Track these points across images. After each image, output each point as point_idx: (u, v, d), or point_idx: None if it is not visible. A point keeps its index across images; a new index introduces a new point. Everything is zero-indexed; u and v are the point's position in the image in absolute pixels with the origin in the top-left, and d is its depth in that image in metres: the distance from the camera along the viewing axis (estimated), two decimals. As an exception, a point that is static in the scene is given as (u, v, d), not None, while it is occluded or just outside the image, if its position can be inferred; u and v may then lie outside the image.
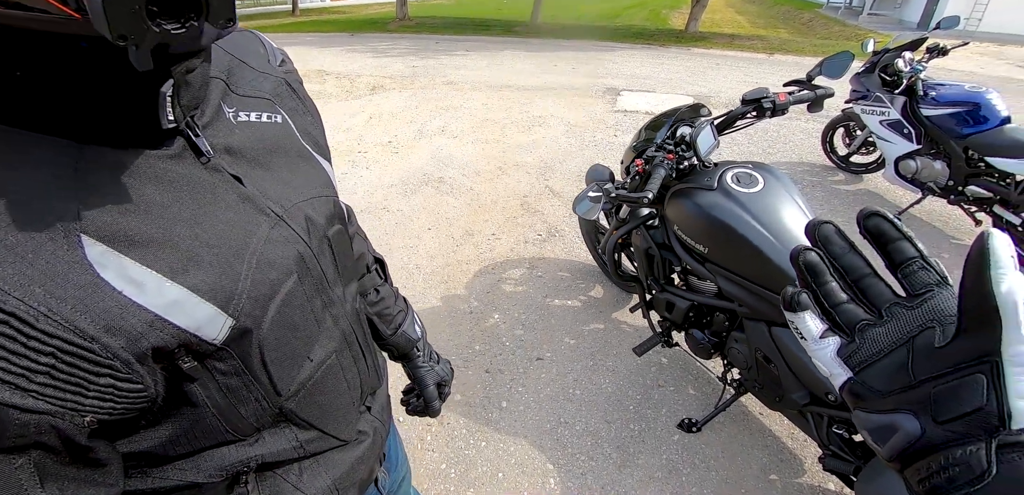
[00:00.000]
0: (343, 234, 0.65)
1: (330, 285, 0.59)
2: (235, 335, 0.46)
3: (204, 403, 0.47)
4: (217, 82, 0.53)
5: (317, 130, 0.69)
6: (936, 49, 3.41)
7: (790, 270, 1.46)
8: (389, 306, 0.93)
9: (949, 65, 7.87)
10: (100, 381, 0.37)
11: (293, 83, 0.67)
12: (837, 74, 1.86)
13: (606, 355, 2.42)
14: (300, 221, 0.55)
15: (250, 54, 0.62)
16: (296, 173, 0.58)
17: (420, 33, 13.06)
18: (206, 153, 0.47)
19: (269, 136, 0.57)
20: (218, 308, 0.44)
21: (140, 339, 0.39)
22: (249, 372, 0.49)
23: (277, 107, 0.60)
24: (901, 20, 15.88)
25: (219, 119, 0.51)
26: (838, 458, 1.53)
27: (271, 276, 0.49)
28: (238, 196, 0.49)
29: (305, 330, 0.55)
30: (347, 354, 0.63)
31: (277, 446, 0.55)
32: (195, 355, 0.44)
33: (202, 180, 0.46)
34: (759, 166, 1.68)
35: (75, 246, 0.37)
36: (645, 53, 9.70)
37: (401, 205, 3.86)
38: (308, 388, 0.56)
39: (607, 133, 5.28)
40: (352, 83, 7.68)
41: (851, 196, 3.87)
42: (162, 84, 0.41)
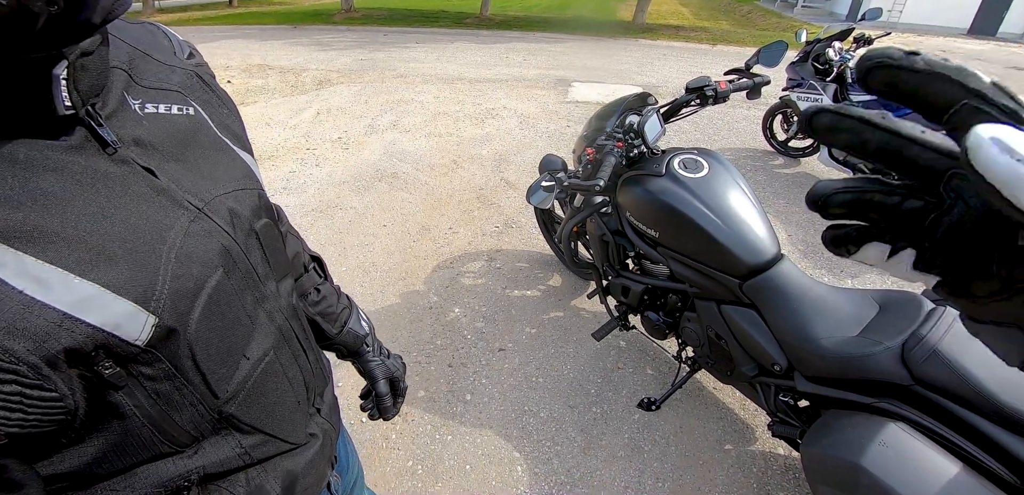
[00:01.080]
0: (272, 228, 0.63)
1: (261, 280, 0.57)
2: (161, 335, 0.43)
3: (132, 413, 0.43)
4: (119, 72, 0.50)
5: (235, 122, 0.66)
6: (862, 39, 3.65)
7: (736, 251, 1.54)
8: (332, 305, 0.91)
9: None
10: (5, 390, 0.34)
11: (204, 76, 0.64)
12: (773, 62, 1.96)
13: (566, 342, 2.46)
14: (223, 214, 0.52)
15: (154, 47, 0.58)
16: (214, 166, 0.55)
17: (367, 25, 12.73)
18: (112, 143, 0.44)
19: (181, 128, 0.54)
20: (137, 305, 0.41)
21: (47, 340, 0.36)
22: (181, 375, 0.46)
23: (189, 99, 0.57)
24: (832, 12, 16.87)
25: (124, 110, 0.48)
26: (785, 424, 1.63)
27: (194, 271, 0.47)
28: (151, 189, 0.46)
29: (238, 327, 0.52)
30: (286, 351, 0.61)
31: (220, 455, 0.53)
32: (117, 359, 0.41)
33: (109, 172, 0.43)
34: (704, 152, 1.75)
35: None
36: (595, 45, 9.86)
37: (355, 202, 3.77)
38: (248, 389, 0.54)
39: (560, 124, 5.34)
40: (297, 78, 7.41)
41: (790, 178, 4.09)
42: (54, 65, 0.38)
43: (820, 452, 1.27)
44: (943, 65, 0.25)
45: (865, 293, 1.51)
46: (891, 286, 2.85)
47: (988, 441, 1.13)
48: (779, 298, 1.50)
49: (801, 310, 1.46)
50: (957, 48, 10.54)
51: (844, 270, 2.98)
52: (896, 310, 1.39)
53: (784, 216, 3.53)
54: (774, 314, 1.51)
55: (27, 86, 0.37)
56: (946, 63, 0.25)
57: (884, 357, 1.27)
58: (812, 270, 2.97)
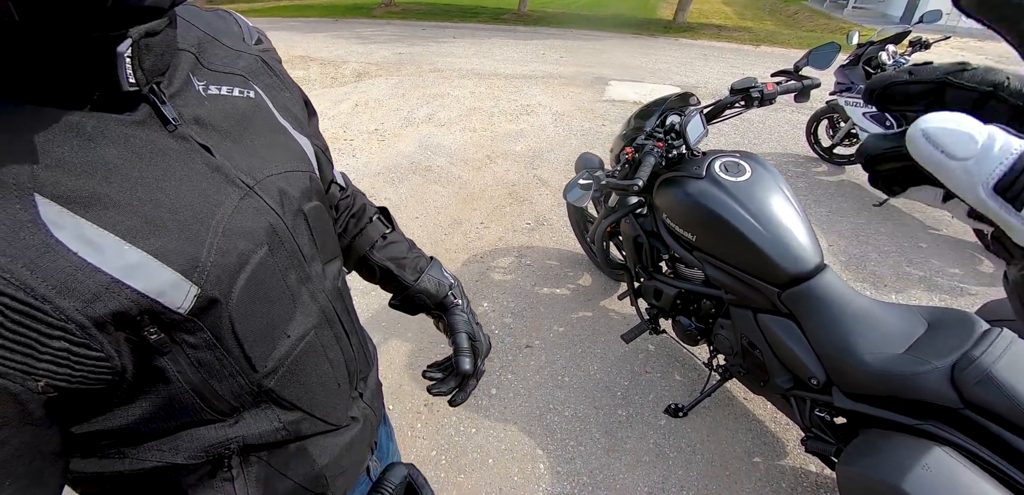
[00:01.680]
0: (321, 210, 0.64)
1: (307, 260, 0.58)
2: (202, 305, 0.45)
3: (176, 378, 0.46)
4: (186, 55, 0.52)
5: (296, 106, 0.68)
6: (919, 43, 3.47)
7: (776, 258, 1.49)
8: (403, 251, 0.89)
9: (930, 59, 8.00)
10: (53, 344, 0.36)
11: (270, 61, 0.66)
12: (824, 65, 1.89)
13: (594, 342, 2.44)
14: (273, 194, 0.54)
15: (224, 33, 0.61)
16: (269, 147, 0.58)
17: (406, 19, 12.89)
18: (173, 120, 0.46)
19: (240, 110, 0.56)
20: (181, 274, 0.43)
21: (95, 302, 0.38)
22: (221, 345, 0.48)
23: (250, 83, 0.60)
24: (885, 14, 16.10)
25: (187, 90, 0.50)
26: (820, 440, 1.57)
27: (239, 246, 0.48)
28: (206, 166, 0.48)
29: (280, 304, 0.54)
30: (328, 332, 0.62)
31: (259, 427, 0.55)
32: (161, 325, 0.43)
33: (168, 147, 0.46)
34: (746, 155, 1.70)
35: (29, 205, 0.36)
36: (633, 43, 9.71)
37: (388, 194, 3.83)
38: (287, 366, 0.55)
39: (595, 122, 5.29)
40: (337, 70, 7.57)
41: (834, 186, 3.94)
42: (119, 44, 0.40)
43: (859, 472, 1.22)
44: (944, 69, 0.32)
45: (912, 309, 1.44)
46: (940, 303, 2.72)
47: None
48: (820, 309, 1.45)
49: (843, 323, 1.40)
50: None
51: (887, 285, 2.85)
52: (947, 329, 1.32)
53: (826, 225, 3.40)
54: (814, 326, 1.45)
55: (94, 62, 0.40)
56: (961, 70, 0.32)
57: (932, 377, 1.20)
58: (854, 283, 2.85)
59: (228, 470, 0.53)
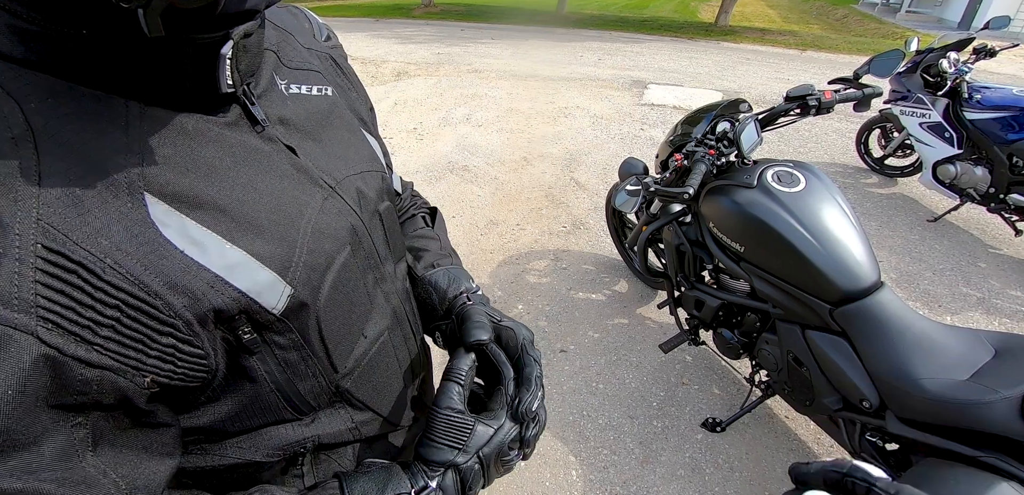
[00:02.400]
0: (392, 211, 0.65)
1: (381, 261, 0.59)
2: (294, 306, 0.46)
3: (263, 378, 0.47)
4: (269, 54, 0.53)
5: (362, 106, 0.69)
6: (984, 50, 3.28)
7: (830, 274, 1.43)
8: (426, 246, 0.80)
9: (992, 67, 7.58)
10: (162, 340, 0.38)
11: (338, 59, 0.67)
12: (886, 73, 1.81)
13: (630, 350, 2.41)
14: (352, 194, 0.55)
15: (297, 29, 0.62)
16: (346, 146, 0.59)
17: (445, 20, 13.03)
18: (261, 122, 0.47)
19: (320, 109, 0.57)
20: (277, 275, 0.44)
21: (202, 299, 0.39)
22: (308, 346, 0.49)
23: (327, 81, 0.61)
24: (941, 19, 15.31)
25: (272, 90, 0.52)
26: (870, 466, 1.50)
27: (326, 247, 0.49)
28: (292, 166, 0.49)
29: (359, 305, 0.55)
30: (399, 333, 0.63)
31: (333, 427, 0.55)
32: (255, 325, 0.44)
33: (258, 148, 0.47)
34: (800, 165, 1.65)
35: (140, 204, 0.37)
36: (673, 46, 9.54)
37: (426, 192, 3.86)
38: (363, 366, 0.56)
39: (634, 126, 5.22)
40: (377, 68, 7.72)
41: (885, 199, 3.77)
42: (222, 46, 0.41)
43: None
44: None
45: (978, 333, 1.36)
46: (1000, 327, 2.56)
47: None
48: (876, 329, 1.38)
49: (901, 345, 1.34)
50: (1096, 65, 9.26)
51: (942, 305, 2.71)
52: (1016, 356, 1.24)
53: (877, 240, 3.26)
54: (869, 346, 1.39)
55: (197, 64, 0.41)
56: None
57: (1000, 408, 1.13)
58: (906, 302, 2.72)
59: (300, 468, 0.55)
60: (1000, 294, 2.80)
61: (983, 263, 3.07)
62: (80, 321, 0.33)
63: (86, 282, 0.33)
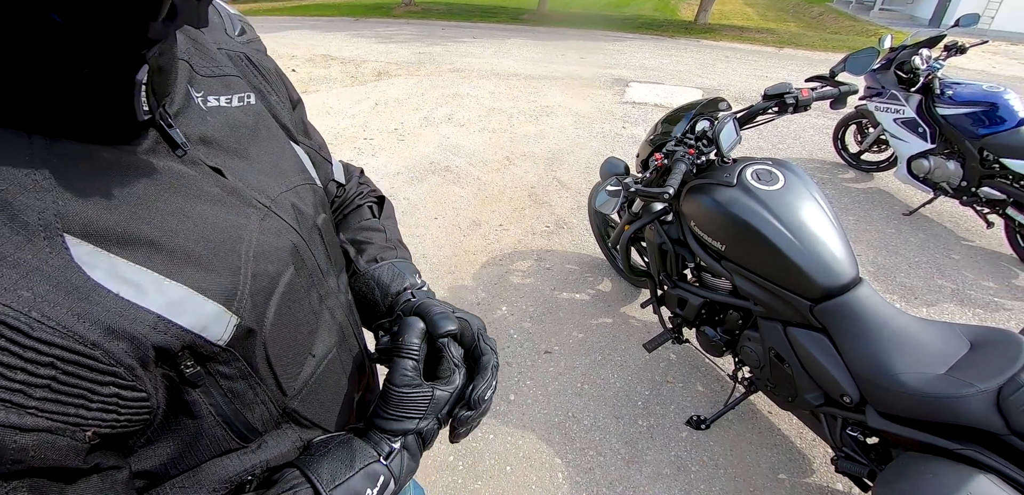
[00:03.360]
0: (329, 223, 0.63)
1: (324, 276, 0.57)
2: (240, 334, 0.43)
3: (207, 411, 0.43)
4: (182, 65, 0.49)
5: (283, 110, 0.64)
6: (954, 47, 3.36)
7: (810, 271, 1.44)
8: (370, 238, 0.76)
9: (962, 63, 7.78)
10: (104, 391, 0.34)
11: (254, 56, 0.62)
12: (861, 70, 1.83)
13: (614, 350, 2.40)
14: (288, 211, 0.53)
15: (207, 27, 0.57)
16: (277, 160, 0.55)
17: (426, 19, 12.94)
18: (182, 145, 0.43)
19: (244, 122, 0.53)
20: (222, 306, 0.41)
21: (143, 342, 0.36)
22: (255, 374, 0.46)
23: (247, 87, 0.57)
24: (913, 16, 15.69)
25: (189, 106, 0.47)
26: (851, 460, 1.51)
27: (269, 269, 0.47)
28: (221, 189, 0.46)
29: (306, 325, 0.53)
30: (345, 347, 0.61)
31: (280, 448, 0.52)
32: (198, 358, 0.41)
33: (182, 173, 0.43)
34: (779, 163, 1.65)
35: (59, 247, 0.33)
36: (654, 44, 9.61)
37: (408, 194, 3.83)
38: (311, 385, 0.54)
39: (615, 124, 5.24)
40: (357, 68, 7.63)
41: (862, 194, 3.83)
42: (137, 70, 0.37)
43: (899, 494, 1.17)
44: None
45: (954, 327, 1.38)
46: (984, 323, 2.62)
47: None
48: (855, 325, 1.39)
49: (880, 340, 1.35)
50: (1059, 61, 9.57)
51: (918, 297, 2.76)
52: (991, 350, 1.26)
53: (855, 234, 3.31)
54: (848, 342, 1.40)
55: (112, 90, 0.37)
56: None
57: (976, 401, 1.15)
58: (883, 295, 2.76)
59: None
60: (974, 285, 2.86)
61: (957, 255, 3.14)
62: (11, 385, 0.30)
63: (11, 342, 0.30)
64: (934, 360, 1.29)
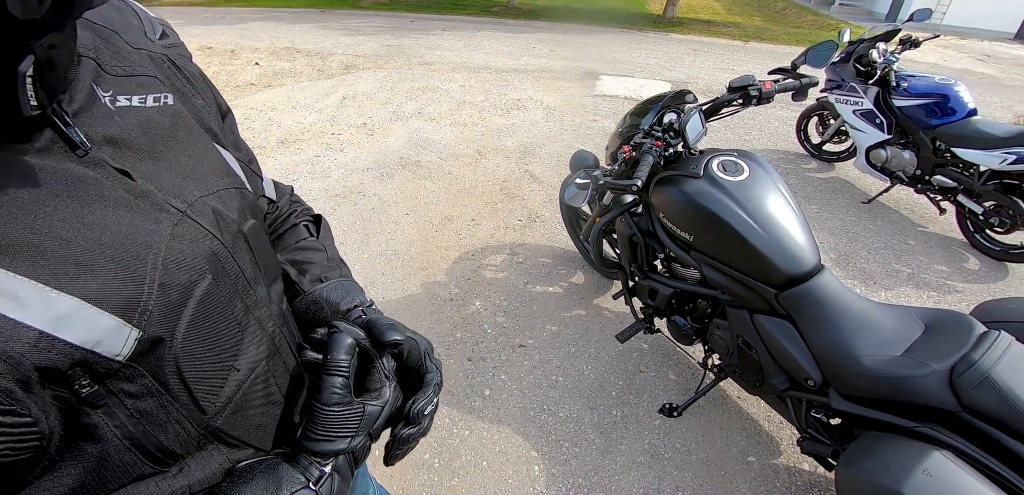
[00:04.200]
0: (259, 229, 0.60)
1: (251, 285, 0.54)
2: (143, 348, 0.40)
3: (112, 435, 0.39)
4: (86, 62, 0.46)
5: (210, 114, 0.61)
6: (909, 41, 3.49)
7: (774, 259, 1.48)
8: (312, 257, 0.75)
9: (916, 57, 8.10)
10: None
11: (177, 60, 0.59)
12: (821, 63, 1.88)
13: (588, 341, 2.42)
14: (208, 216, 0.49)
15: (122, 27, 0.54)
16: (196, 162, 0.52)
17: (394, 11, 12.73)
18: (81, 145, 0.41)
19: (159, 122, 0.50)
20: (120, 319, 0.38)
21: (22, 362, 0.33)
22: (166, 391, 0.43)
23: (164, 86, 0.53)
24: (871, 11, 16.26)
25: (93, 105, 0.44)
26: (816, 441, 1.57)
27: (181, 278, 0.44)
28: (129, 193, 0.43)
29: (228, 337, 0.49)
30: (278, 360, 0.58)
31: (205, 471, 0.48)
32: (95, 376, 0.37)
33: (81, 176, 0.40)
34: (744, 154, 1.69)
35: None
36: (623, 37, 9.69)
37: (378, 189, 3.77)
38: (237, 402, 0.50)
39: (587, 117, 5.27)
40: (324, 62, 7.44)
41: (824, 183, 3.96)
42: (20, 62, 0.34)
43: (858, 476, 1.21)
44: None
45: (910, 311, 1.44)
46: (937, 305, 2.74)
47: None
48: (817, 311, 1.44)
49: (841, 325, 1.40)
50: (1003, 52, 10.08)
51: (877, 282, 2.87)
52: (944, 331, 1.32)
53: (817, 222, 3.42)
54: (811, 327, 1.44)
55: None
56: None
57: (931, 380, 1.20)
58: (845, 280, 2.86)
59: None
60: (928, 269, 2.99)
61: (912, 241, 3.27)
62: None
63: None
64: (892, 342, 1.35)
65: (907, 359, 1.28)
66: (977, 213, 3.04)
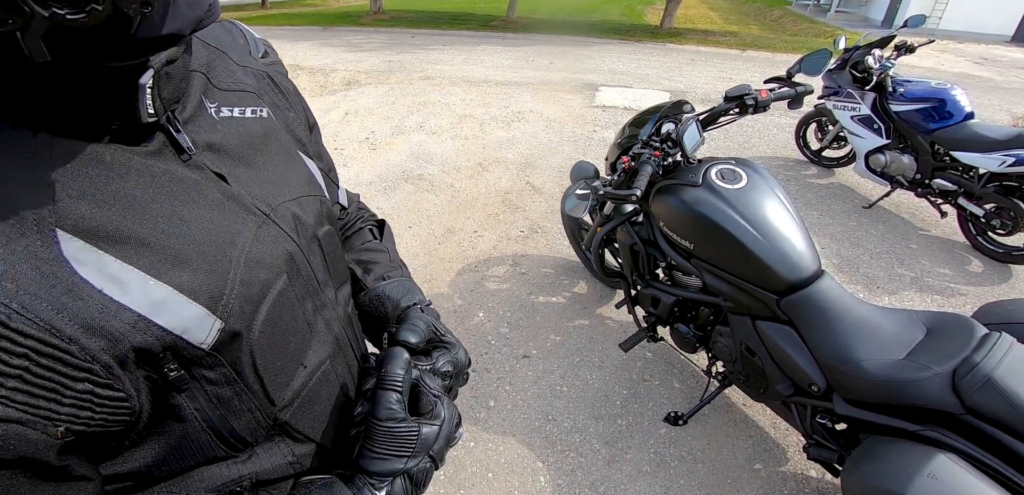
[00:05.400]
0: (333, 235, 0.63)
1: (321, 287, 0.57)
2: (224, 339, 0.43)
3: (193, 417, 0.44)
4: (197, 76, 0.51)
5: (300, 126, 0.67)
6: (904, 47, 3.52)
7: (774, 266, 1.49)
8: (376, 258, 0.79)
9: (913, 62, 8.14)
10: (78, 387, 0.35)
11: (275, 76, 0.65)
12: (816, 71, 1.90)
13: (592, 351, 2.43)
14: (288, 220, 0.53)
15: (230, 46, 0.60)
16: (282, 171, 0.56)
17: (395, 27, 12.86)
18: (187, 150, 0.45)
19: (254, 132, 0.55)
20: (206, 309, 0.41)
21: (122, 341, 0.36)
22: (241, 380, 0.46)
23: (261, 101, 0.59)
24: (867, 18, 16.37)
25: (201, 115, 0.49)
26: (821, 447, 1.56)
27: (260, 276, 0.47)
28: (222, 195, 0.47)
29: (297, 334, 0.53)
30: (341, 360, 0.61)
31: (272, 461, 0.52)
32: (181, 361, 0.41)
33: (184, 177, 0.44)
34: (742, 162, 1.71)
35: (50, 241, 0.34)
36: (621, 48, 9.77)
37: (381, 203, 3.80)
38: (303, 397, 0.54)
39: (586, 128, 5.30)
40: (326, 78, 7.52)
41: (824, 189, 3.97)
42: (140, 75, 0.38)
43: (864, 481, 1.21)
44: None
45: (911, 314, 1.45)
46: (938, 308, 2.74)
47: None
48: (819, 316, 1.45)
49: (843, 330, 1.41)
50: (1000, 55, 10.12)
51: (880, 286, 2.88)
52: (946, 334, 1.32)
53: (818, 228, 3.43)
54: (813, 333, 1.45)
55: (115, 94, 0.38)
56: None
57: (933, 383, 1.20)
58: (848, 285, 2.87)
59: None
60: (930, 273, 2.99)
61: (914, 244, 3.28)
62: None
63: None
64: (894, 346, 1.35)
65: (909, 362, 1.29)
66: (978, 216, 3.04)
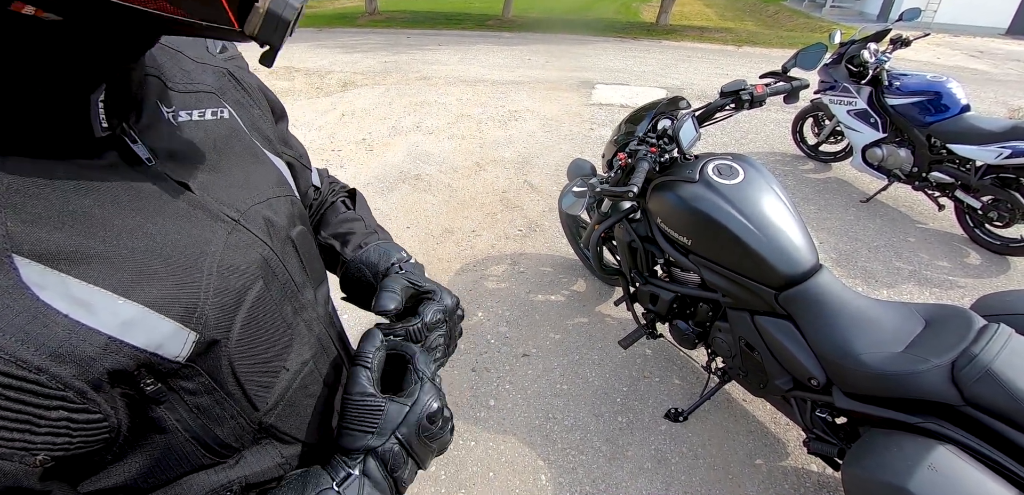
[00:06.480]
0: (306, 234, 0.63)
1: (299, 289, 0.57)
2: (200, 350, 0.42)
3: (175, 427, 0.43)
4: (152, 81, 0.49)
5: (265, 122, 0.65)
6: (899, 40, 3.52)
7: (772, 260, 1.49)
8: (352, 228, 0.79)
9: (909, 55, 8.16)
10: (52, 415, 0.34)
11: (236, 72, 0.63)
12: (811, 65, 1.90)
13: (591, 349, 2.43)
14: (259, 224, 0.52)
15: (186, 44, 0.57)
16: (249, 173, 0.55)
17: (390, 28, 12.83)
18: (146, 161, 0.44)
19: (216, 135, 0.53)
20: (179, 323, 0.41)
21: (93, 365, 0.35)
22: (221, 388, 0.45)
23: (222, 101, 0.57)
24: (862, 12, 16.39)
25: (157, 122, 0.47)
26: (822, 441, 1.57)
27: (235, 284, 0.46)
28: (187, 204, 0.46)
29: (278, 338, 0.52)
30: (324, 359, 0.61)
31: (260, 465, 0.52)
32: (157, 375, 0.40)
33: (145, 190, 0.43)
34: (739, 157, 1.70)
35: (7, 268, 0.32)
36: (617, 46, 9.76)
37: (378, 204, 3.79)
38: (287, 400, 0.54)
39: (583, 126, 5.30)
40: (322, 79, 7.50)
41: (821, 184, 3.98)
42: (92, 91, 0.37)
43: (864, 474, 1.21)
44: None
45: (910, 307, 1.45)
46: (937, 300, 2.75)
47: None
48: (817, 310, 1.45)
49: (841, 323, 1.41)
50: (995, 48, 10.16)
51: (879, 280, 2.88)
52: (944, 326, 1.33)
53: (816, 223, 3.43)
54: (812, 327, 1.45)
55: (65, 110, 0.37)
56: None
57: (932, 375, 1.21)
58: (846, 280, 2.87)
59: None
60: (929, 266, 3.00)
61: (912, 238, 3.28)
62: None
63: None
64: (892, 339, 1.35)
65: (908, 355, 1.29)
66: (975, 208, 3.05)
